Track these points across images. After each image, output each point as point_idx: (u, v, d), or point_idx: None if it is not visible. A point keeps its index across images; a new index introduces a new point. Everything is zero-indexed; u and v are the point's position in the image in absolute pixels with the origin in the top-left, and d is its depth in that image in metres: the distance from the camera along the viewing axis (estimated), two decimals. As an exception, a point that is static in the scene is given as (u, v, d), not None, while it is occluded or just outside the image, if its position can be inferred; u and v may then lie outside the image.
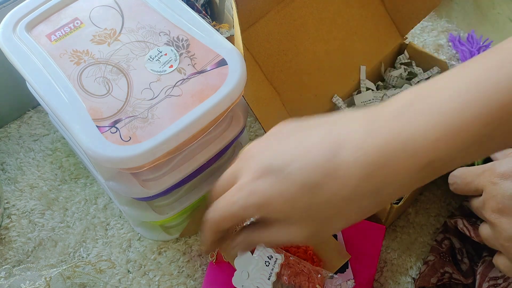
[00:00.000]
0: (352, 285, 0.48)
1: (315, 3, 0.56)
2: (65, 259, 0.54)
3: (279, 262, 0.48)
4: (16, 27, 0.45)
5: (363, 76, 0.59)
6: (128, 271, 0.53)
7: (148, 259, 0.54)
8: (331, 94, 0.57)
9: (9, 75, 0.59)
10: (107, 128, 0.40)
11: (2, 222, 0.56)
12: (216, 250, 0.50)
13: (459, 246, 0.51)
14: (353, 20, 0.58)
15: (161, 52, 0.44)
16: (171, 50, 0.44)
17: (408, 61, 0.64)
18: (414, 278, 0.52)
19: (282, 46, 0.54)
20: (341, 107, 0.58)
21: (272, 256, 0.48)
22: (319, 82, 0.56)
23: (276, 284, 0.48)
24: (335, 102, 0.57)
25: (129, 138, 0.39)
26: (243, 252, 0.38)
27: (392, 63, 0.65)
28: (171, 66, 0.43)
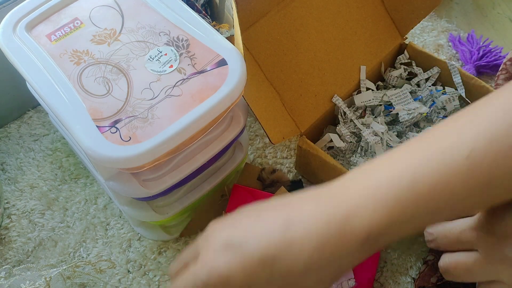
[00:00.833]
0: (352, 284, 0.48)
1: (315, 3, 0.56)
2: (65, 259, 0.54)
3: None
4: (16, 27, 0.45)
5: (363, 76, 0.59)
6: (128, 271, 0.53)
7: (148, 259, 0.54)
8: (331, 94, 0.57)
9: (9, 75, 0.59)
10: (107, 128, 0.40)
11: (2, 222, 0.56)
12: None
13: None
14: (353, 20, 0.58)
15: (161, 52, 0.44)
16: (171, 50, 0.44)
17: (408, 61, 0.64)
18: (414, 278, 0.52)
19: (282, 46, 0.54)
20: (341, 107, 0.58)
21: None
22: (319, 82, 0.56)
23: None
24: (335, 102, 0.57)
25: (129, 138, 0.39)
26: None
27: (392, 63, 0.65)
28: (171, 66, 0.43)
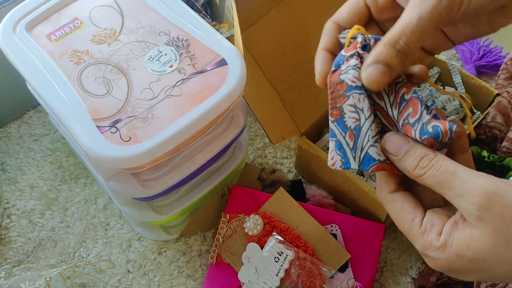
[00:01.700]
0: (352, 284, 0.48)
1: (315, 3, 0.55)
2: (65, 259, 0.54)
3: (289, 258, 0.47)
4: (16, 27, 0.45)
5: None
6: (128, 271, 0.53)
7: (148, 259, 0.54)
8: (331, 94, 0.57)
9: (9, 75, 0.59)
10: (107, 128, 0.40)
11: (2, 222, 0.56)
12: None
13: None
14: (353, 20, 0.58)
15: (161, 52, 0.44)
16: (171, 50, 0.44)
17: None
18: (414, 278, 0.52)
19: (282, 46, 0.54)
20: None
21: (282, 252, 0.48)
22: (319, 82, 0.56)
23: (284, 280, 0.47)
24: None
25: (129, 138, 0.39)
26: None
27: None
28: (171, 66, 0.43)
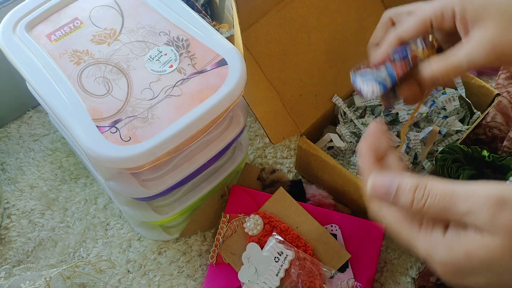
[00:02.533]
0: (352, 284, 0.48)
1: (315, 3, 0.56)
2: (65, 259, 0.54)
3: (289, 258, 0.47)
4: (16, 27, 0.45)
5: None
6: (128, 271, 0.53)
7: (148, 259, 0.54)
8: (331, 94, 0.57)
9: (9, 75, 0.59)
10: (107, 128, 0.40)
11: (2, 222, 0.56)
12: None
13: None
14: (353, 20, 0.58)
15: (161, 52, 0.44)
16: (171, 50, 0.44)
17: None
18: (414, 278, 0.52)
19: (282, 46, 0.54)
20: (341, 107, 0.58)
21: (282, 252, 0.48)
22: (319, 82, 0.56)
23: (284, 280, 0.47)
24: (335, 102, 0.57)
25: (129, 138, 0.39)
26: None
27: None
28: (171, 66, 0.43)
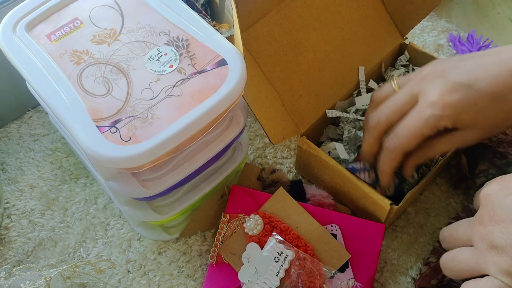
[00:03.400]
0: (352, 284, 0.48)
1: (315, 3, 0.56)
2: (65, 259, 0.54)
3: (289, 258, 0.47)
4: (16, 27, 0.45)
5: (362, 77, 0.59)
6: (128, 271, 0.53)
7: (148, 259, 0.54)
8: (331, 94, 0.57)
9: (9, 75, 0.59)
10: (107, 128, 0.40)
11: (2, 222, 0.56)
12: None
13: None
14: (353, 20, 0.58)
15: (161, 52, 0.44)
16: (171, 50, 0.44)
17: (407, 63, 0.64)
18: (414, 278, 0.52)
19: (282, 46, 0.54)
20: (340, 116, 0.57)
21: (282, 252, 0.48)
22: (319, 82, 0.56)
23: (284, 280, 0.47)
24: (330, 116, 0.57)
25: (129, 138, 0.39)
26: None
27: (392, 63, 0.65)
28: (171, 66, 0.43)
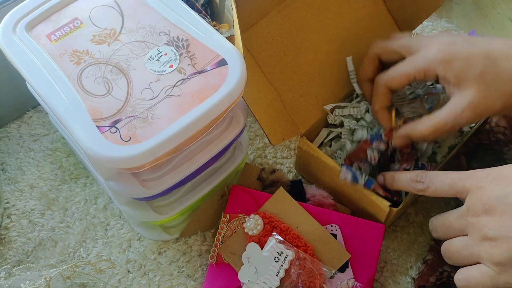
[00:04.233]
0: (352, 284, 0.48)
1: (316, 4, 0.56)
2: (65, 259, 0.54)
3: (289, 258, 0.47)
4: (16, 27, 0.45)
5: (351, 67, 0.57)
6: (128, 271, 0.53)
7: (148, 259, 0.54)
8: (331, 95, 0.57)
9: (9, 75, 0.59)
10: (107, 128, 0.40)
11: (2, 222, 0.56)
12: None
13: None
14: (354, 21, 0.58)
15: (161, 52, 0.44)
16: (171, 50, 0.44)
17: None
18: (414, 278, 0.52)
19: (282, 47, 0.54)
20: (341, 117, 0.57)
21: (282, 252, 0.48)
22: (319, 83, 0.56)
23: (284, 280, 0.47)
24: (331, 122, 0.57)
25: (129, 138, 0.39)
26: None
27: (394, 63, 0.65)
28: (171, 66, 0.43)
